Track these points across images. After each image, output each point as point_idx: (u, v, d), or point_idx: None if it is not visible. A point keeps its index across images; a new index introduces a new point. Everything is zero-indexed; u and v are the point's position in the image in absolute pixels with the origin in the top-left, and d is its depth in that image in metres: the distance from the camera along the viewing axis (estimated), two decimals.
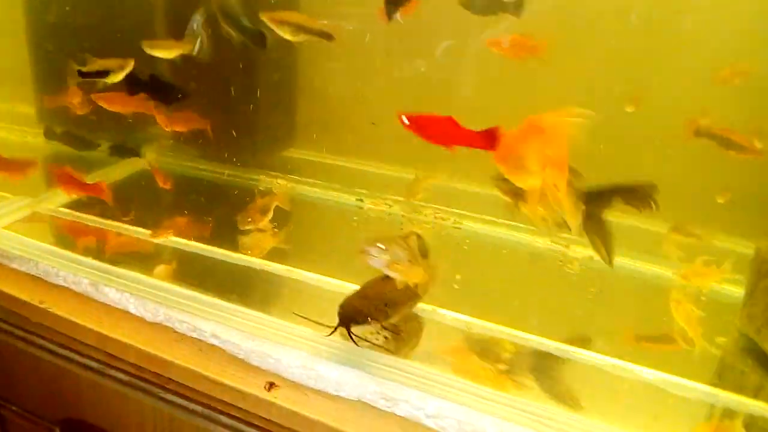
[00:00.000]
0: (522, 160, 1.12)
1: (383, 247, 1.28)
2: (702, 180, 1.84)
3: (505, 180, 1.26)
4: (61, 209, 1.95)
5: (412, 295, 1.44)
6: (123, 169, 2.17)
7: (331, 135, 2.18)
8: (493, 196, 2.00)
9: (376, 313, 1.33)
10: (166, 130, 1.93)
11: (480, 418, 1.23)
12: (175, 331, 1.53)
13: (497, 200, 1.98)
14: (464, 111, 2.16)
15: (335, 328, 1.32)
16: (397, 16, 2.17)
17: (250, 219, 1.83)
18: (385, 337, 1.40)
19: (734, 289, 1.66)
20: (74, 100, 1.97)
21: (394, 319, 1.39)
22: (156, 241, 1.83)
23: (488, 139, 1.15)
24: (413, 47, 2.11)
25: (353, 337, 1.32)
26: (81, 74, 1.77)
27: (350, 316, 1.31)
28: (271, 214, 1.86)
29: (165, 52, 1.80)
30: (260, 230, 1.84)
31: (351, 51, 2.15)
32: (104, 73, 1.75)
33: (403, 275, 1.32)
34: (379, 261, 1.28)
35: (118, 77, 1.75)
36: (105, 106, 1.87)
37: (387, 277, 1.41)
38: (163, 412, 1.51)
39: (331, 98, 2.20)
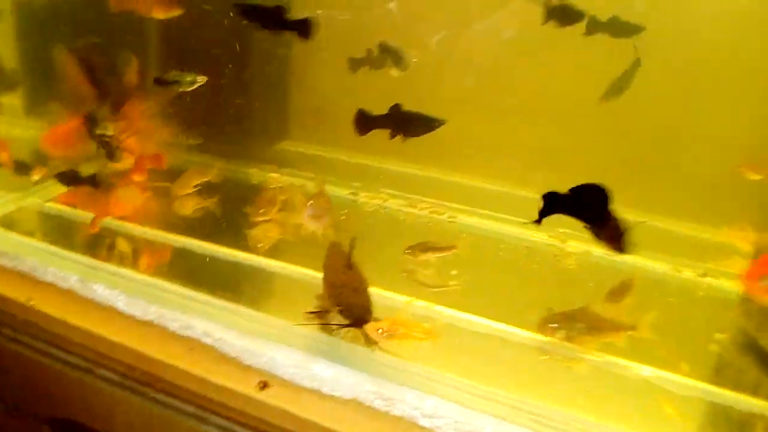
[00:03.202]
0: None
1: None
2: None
3: None
4: (48, 205, 1.90)
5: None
6: None
7: (326, 127, 2.15)
8: (488, 190, 1.99)
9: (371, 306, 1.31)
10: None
11: (477, 417, 1.21)
12: (167, 330, 1.50)
13: (493, 194, 1.97)
14: (453, 101, 2.15)
15: (344, 326, 1.30)
16: None
17: (263, 210, 1.82)
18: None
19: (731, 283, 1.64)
20: None
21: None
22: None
23: None
24: (407, 37, 2.08)
25: (370, 337, 1.29)
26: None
27: (363, 317, 1.28)
28: (279, 205, 1.84)
29: None
30: (267, 221, 1.83)
31: (345, 41, 2.12)
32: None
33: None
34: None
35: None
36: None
37: (347, 266, 1.38)
38: (152, 412, 1.48)
39: (325, 89, 2.17)
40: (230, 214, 1.82)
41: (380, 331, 1.27)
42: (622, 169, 1.79)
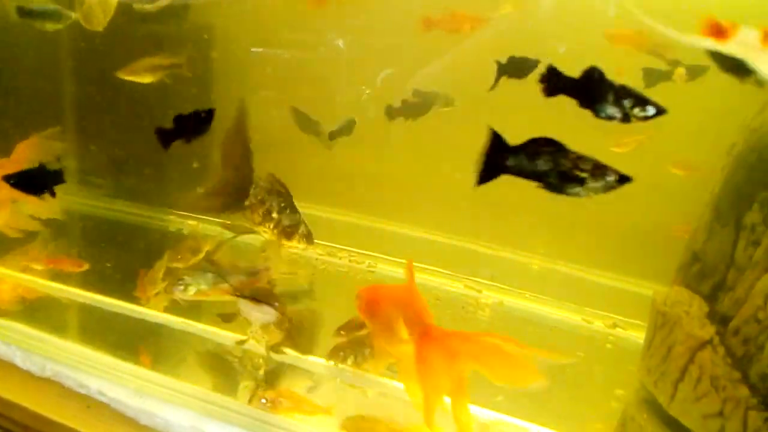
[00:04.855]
0: None
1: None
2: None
3: None
4: None
5: None
6: None
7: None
8: (408, 237, 1.99)
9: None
10: None
11: None
12: (63, 386, 1.46)
13: (412, 242, 1.98)
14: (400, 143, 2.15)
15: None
16: None
17: (180, 257, 1.78)
18: None
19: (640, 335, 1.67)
20: None
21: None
22: None
23: None
24: (335, 82, 2.09)
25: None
26: None
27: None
28: (202, 255, 1.81)
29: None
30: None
31: (270, 83, 2.12)
32: None
33: None
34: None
35: None
36: None
37: None
38: None
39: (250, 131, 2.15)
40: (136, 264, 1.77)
41: (264, 401, 1.27)
42: (534, 216, 1.81)
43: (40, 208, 1.74)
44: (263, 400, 1.27)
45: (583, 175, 1.09)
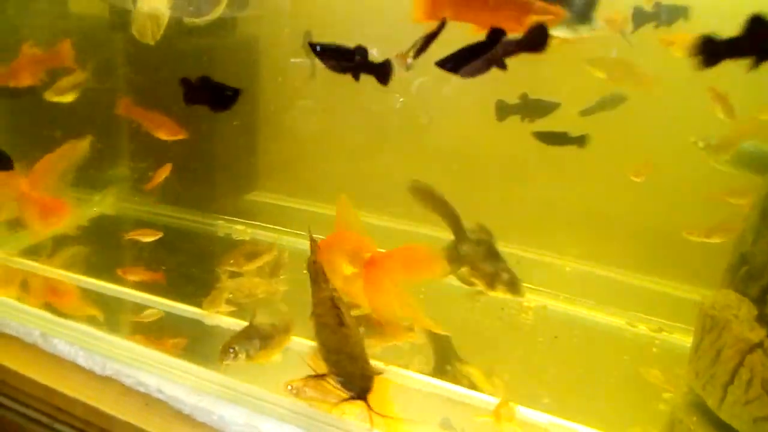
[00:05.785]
0: None
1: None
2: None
3: None
4: (12, 258, 1.93)
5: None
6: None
7: (296, 177, 2.18)
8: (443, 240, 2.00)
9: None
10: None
11: None
12: (123, 385, 1.52)
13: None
14: (435, 150, 2.17)
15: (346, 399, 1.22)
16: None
17: (232, 261, 1.81)
18: None
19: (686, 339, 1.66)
20: None
21: None
22: None
23: None
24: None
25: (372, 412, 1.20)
26: None
27: (364, 387, 1.19)
28: (259, 262, 1.83)
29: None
30: (240, 275, 1.80)
31: (317, 90, 2.16)
32: None
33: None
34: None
35: None
36: None
37: (339, 324, 1.36)
38: None
39: (295, 140, 2.20)
40: (190, 267, 1.83)
41: (290, 387, 1.31)
42: (578, 220, 1.82)
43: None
44: (289, 387, 1.30)
45: None
